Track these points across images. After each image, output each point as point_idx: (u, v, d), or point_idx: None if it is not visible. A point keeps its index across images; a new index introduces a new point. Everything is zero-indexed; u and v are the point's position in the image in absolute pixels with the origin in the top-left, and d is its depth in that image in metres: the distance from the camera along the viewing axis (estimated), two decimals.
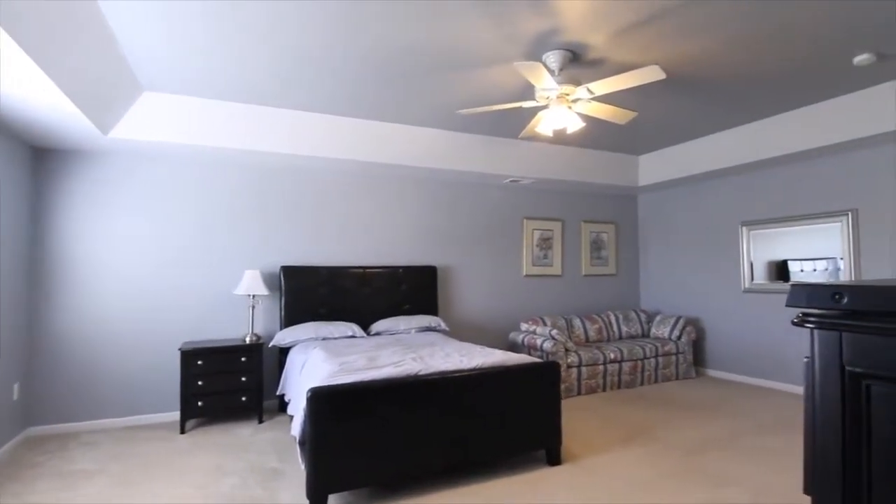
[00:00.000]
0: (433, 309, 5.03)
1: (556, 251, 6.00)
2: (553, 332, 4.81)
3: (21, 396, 3.63)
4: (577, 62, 3.16)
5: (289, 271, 4.45)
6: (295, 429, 2.71)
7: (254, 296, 4.21)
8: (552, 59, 3.04)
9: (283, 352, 4.24)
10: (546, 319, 5.33)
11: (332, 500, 2.57)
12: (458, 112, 3.51)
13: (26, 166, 3.72)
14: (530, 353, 4.92)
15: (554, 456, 3.06)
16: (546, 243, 5.94)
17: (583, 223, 6.21)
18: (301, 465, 2.58)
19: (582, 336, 5.49)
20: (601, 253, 6.33)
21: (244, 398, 3.98)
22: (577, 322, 5.54)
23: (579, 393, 4.79)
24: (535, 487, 2.76)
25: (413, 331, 4.56)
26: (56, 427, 3.80)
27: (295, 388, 3.28)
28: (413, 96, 3.78)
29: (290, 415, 3.24)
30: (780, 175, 4.95)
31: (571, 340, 5.14)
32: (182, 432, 3.78)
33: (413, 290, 4.95)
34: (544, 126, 3.23)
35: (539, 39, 2.88)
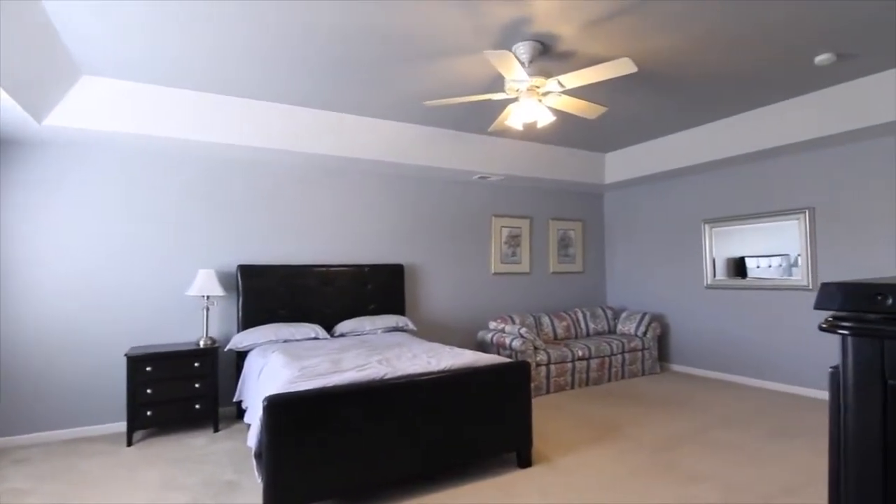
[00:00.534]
0: (400, 308, 4.88)
1: (525, 249, 5.95)
2: (522, 331, 4.75)
3: None
4: (548, 54, 3.09)
5: (247, 270, 4.21)
6: (251, 439, 2.52)
7: (208, 297, 3.96)
8: (522, 51, 2.95)
9: (241, 356, 4.00)
10: (515, 317, 5.28)
11: None
12: (424, 103, 3.37)
13: None
14: (499, 352, 4.85)
15: (525, 458, 2.98)
16: (514, 241, 5.88)
17: (551, 221, 6.19)
18: (258, 479, 2.41)
19: (550, 334, 5.46)
20: (569, 250, 6.33)
21: (198, 406, 3.73)
22: (546, 320, 5.51)
23: (548, 391, 4.75)
24: (507, 492, 2.67)
25: (379, 331, 4.41)
26: None
27: (252, 395, 3.08)
28: (374, 86, 3.61)
29: (248, 423, 3.04)
30: (742, 173, 5.06)
31: (540, 338, 5.10)
32: (129, 445, 3.50)
33: (379, 290, 4.79)
34: (514, 119, 3.14)
35: (508, 28, 2.78)
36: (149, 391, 3.56)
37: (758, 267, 4.93)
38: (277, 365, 3.03)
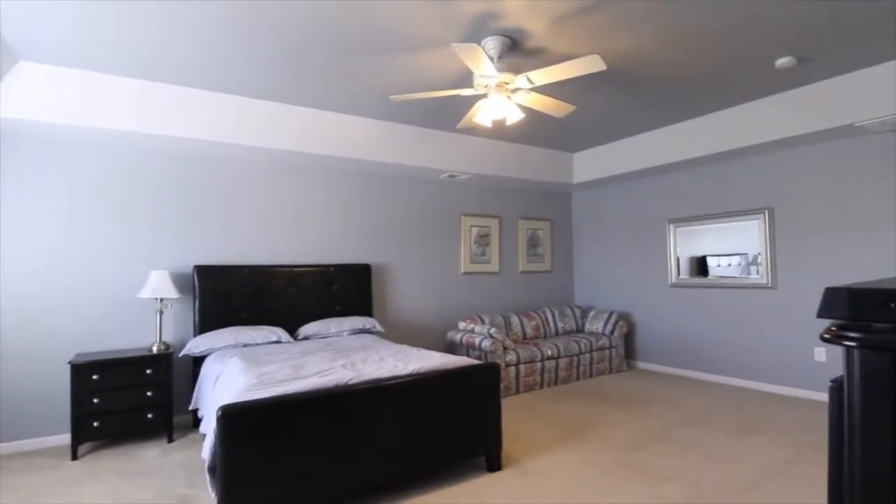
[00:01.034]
0: (367, 310, 4.75)
1: (494, 248, 5.91)
2: (491, 331, 4.70)
3: None
4: (517, 50, 3.03)
5: (204, 271, 4.00)
6: (205, 451, 2.36)
7: (161, 299, 3.74)
8: (491, 46, 2.89)
9: (198, 362, 3.80)
10: (484, 317, 5.22)
11: None
12: (391, 98, 3.27)
13: None
14: (469, 353, 4.78)
15: (495, 462, 2.92)
16: (484, 240, 5.83)
17: (520, 220, 6.17)
18: (212, 495, 2.25)
19: (520, 333, 5.43)
20: (537, 250, 6.33)
21: (150, 415, 3.51)
22: (515, 319, 5.48)
23: (517, 391, 4.71)
24: (478, 497, 2.60)
25: (345, 333, 4.27)
26: None
27: (208, 404, 2.91)
28: (337, 78, 3.48)
29: (203, 433, 2.87)
30: (706, 174, 5.15)
31: (509, 338, 5.07)
32: (74, 458, 3.26)
33: (345, 290, 4.65)
34: (483, 116, 3.07)
35: (477, 22, 2.71)
36: (95, 401, 3.33)
37: (718, 266, 5.03)
38: (234, 371, 2.87)
